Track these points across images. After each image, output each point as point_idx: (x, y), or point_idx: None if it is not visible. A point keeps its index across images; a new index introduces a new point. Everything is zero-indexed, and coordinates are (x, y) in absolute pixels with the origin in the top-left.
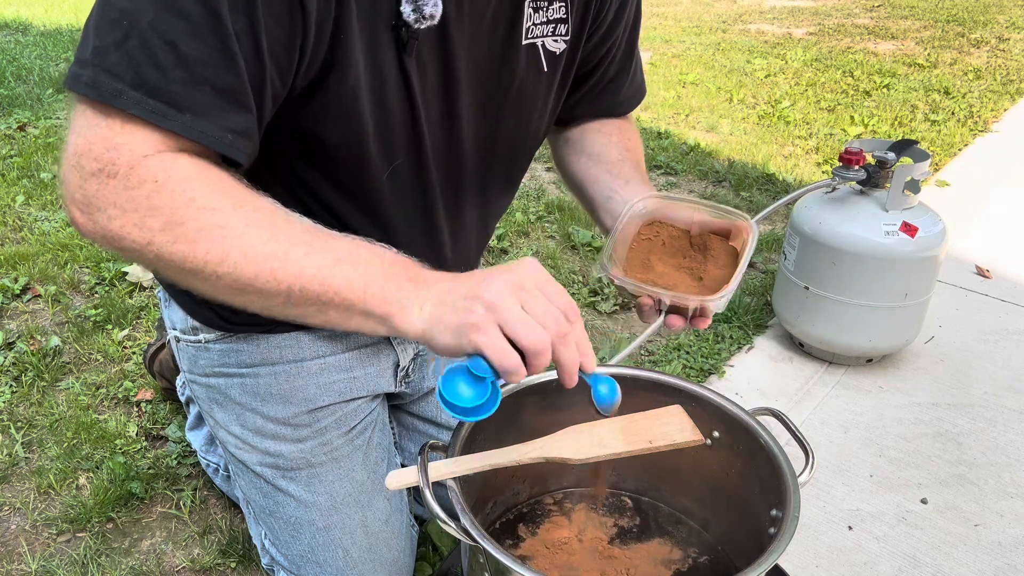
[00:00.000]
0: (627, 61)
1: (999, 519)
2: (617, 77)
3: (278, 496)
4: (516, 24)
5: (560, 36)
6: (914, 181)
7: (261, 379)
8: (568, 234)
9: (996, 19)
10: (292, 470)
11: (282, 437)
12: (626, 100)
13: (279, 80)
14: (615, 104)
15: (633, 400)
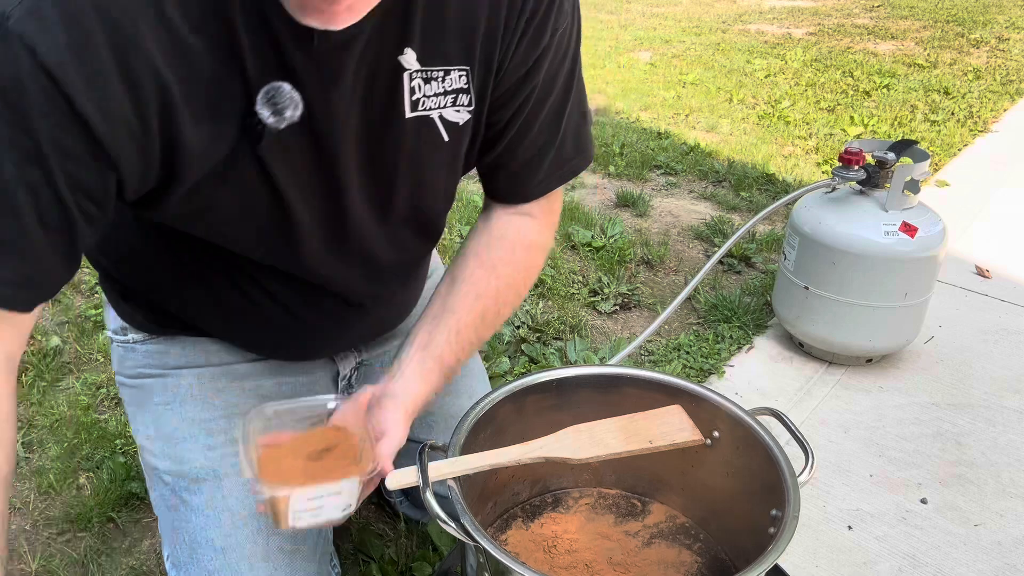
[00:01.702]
0: (547, 138)
1: (999, 519)
2: (532, 159)
3: (181, 509)
4: (396, 100)
5: (463, 106)
6: (914, 181)
7: (183, 380)
8: (568, 234)
9: (996, 19)
10: (198, 480)
11: (195, 440)
12: (546, 179)
13: (99, 211)
14: (533, 184)
15: (633, 400)
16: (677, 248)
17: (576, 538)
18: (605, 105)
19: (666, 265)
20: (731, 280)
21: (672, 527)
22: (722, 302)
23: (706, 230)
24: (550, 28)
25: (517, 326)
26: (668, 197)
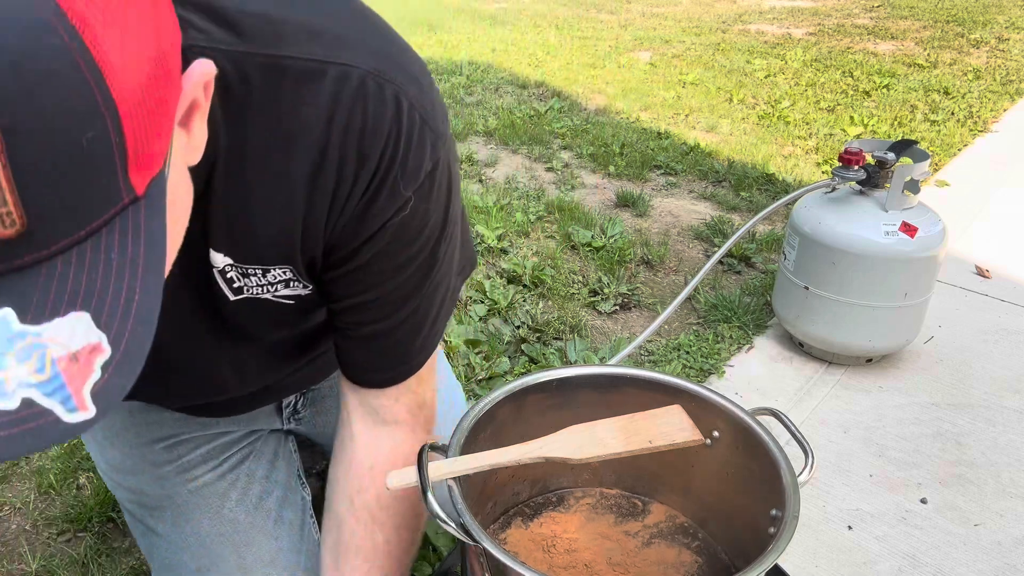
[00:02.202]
0: (390, 326)
1: (999, 519)
2: (377, 343)
3: (150, 536)
4: (215, 291)
5: (298, 287)
6: (914, 181)
7: (116, 414)
8: (568, 234)
9: (996, 19)
10: (157, 508)
11: (142, 472)
12: (381, 374)
13: None
14: (369, 372)
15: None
16: (677, 248)
17: (575, 538)
18: (605, 105)
19: (666, 265)
20: (731, 280)
21: (672, 527)
22: (722, 302)
23: (706, 230)
24: (378, 215)
25: (517, 326)
26: (668, 197)
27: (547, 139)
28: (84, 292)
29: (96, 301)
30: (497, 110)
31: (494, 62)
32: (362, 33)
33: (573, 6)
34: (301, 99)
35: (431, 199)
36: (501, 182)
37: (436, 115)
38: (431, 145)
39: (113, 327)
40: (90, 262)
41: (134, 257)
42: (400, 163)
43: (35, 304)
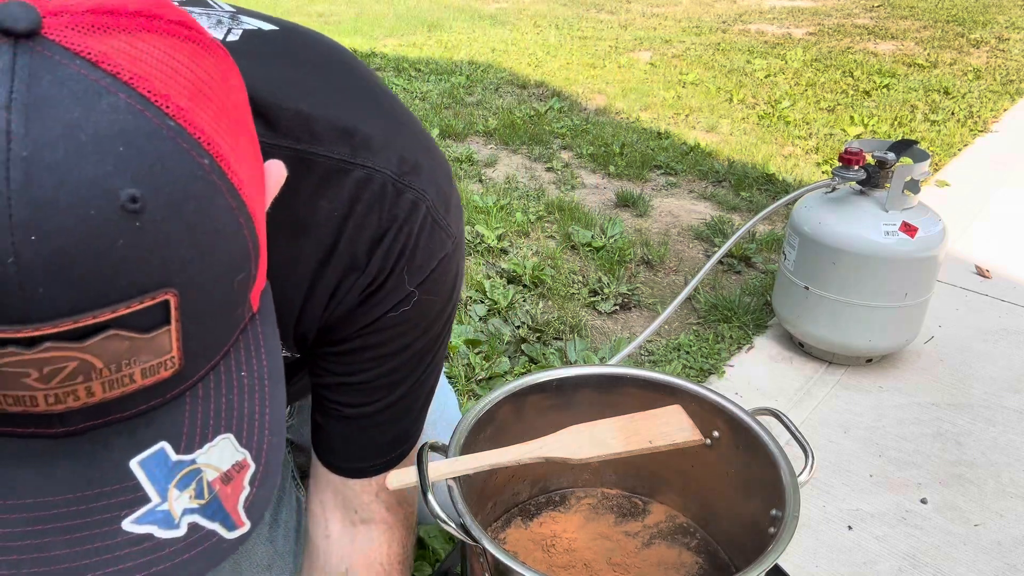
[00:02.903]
0: (368, 412)
1: (999, 519)
2: (357, 428)
3: None
4: None
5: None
6: (914, 181)
7: None
8: (568, 234)
9: (996, 19)
10: None
11: None
12: (361, 463)
13: None
14: (349, 460)
15: (633, 400)
16: (677, 248)
17: (575, 538)
18: (605, 105)
19: (666, 265)
20: (731, 280)
21: (672, 527)
22: (722, 302)
23: (706, 230)
24: (379, 306)
25: (517, 326)
26: (668, 197)
27: (547, 139)
28: (225, 414)
29: (236, 421)
30: (497, 110)
31: (494, 62)
32: (391, 135)
33: (573, 6)
34: (321, 194)
35: (434, 293)
36: (501, 182)
37: (450, 216)
38: (440, 244)
39: (253, 443)
40: (225, 384)
41: (259, 372)
42: (408, 260)
43: (187, 434)
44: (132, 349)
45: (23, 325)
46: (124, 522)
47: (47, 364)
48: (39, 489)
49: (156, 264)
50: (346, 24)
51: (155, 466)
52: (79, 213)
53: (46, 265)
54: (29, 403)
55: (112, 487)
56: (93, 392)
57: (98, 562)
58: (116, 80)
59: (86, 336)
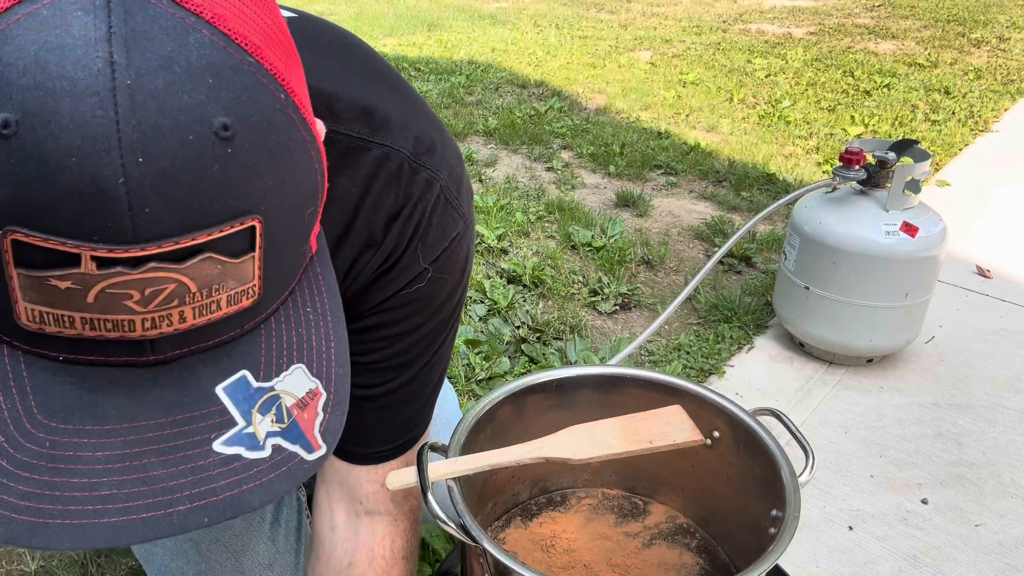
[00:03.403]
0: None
1: (1000, 519)
2: (364, 411)
3: (146, 544)
4: None
5: None
6: (915, 181)
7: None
8: (568, 234)
9: (997, 19)
10: None
11: None
12: (368, 447)
13: None
14: (357, 444)
15: (633, 400)
16: (677, 248)
17: (575, 538)
18: (605, 105)
19: (666, 265)
20: (731, 280)
21: (672, 527)
22: (722, 302)
23: (706, 230)
24: (394, 283)
25: (517, 326)
26: (668, 197)
27: (547, 139)
28: (296, 346)
29: (306, 352)
30: (497, 110)
31: (494, 62)
32: (407, 116)
33: (573, 5)
34: (340, 171)
35: (447, 271)
36: (501, 182)
37: (462, 197)
38: (453, 223)
39: (323, 372)
40: (294, 319)
41: (322, 308)
42: (421, 237)
43: (264, 363)
44: (222, 274)
45: (131, 245)
46: (215, 443)
47: (149, 285)
48: (134, 415)
49: (245, 190)
50: (346, 23)
51: (238, 392)
52: (180, 138)
53: (152, 186)
54: (127, 328)
55: (201, 411)
56: (185, 317)
57: (193, 481)
58: (200, 19)
59: (185, 258)
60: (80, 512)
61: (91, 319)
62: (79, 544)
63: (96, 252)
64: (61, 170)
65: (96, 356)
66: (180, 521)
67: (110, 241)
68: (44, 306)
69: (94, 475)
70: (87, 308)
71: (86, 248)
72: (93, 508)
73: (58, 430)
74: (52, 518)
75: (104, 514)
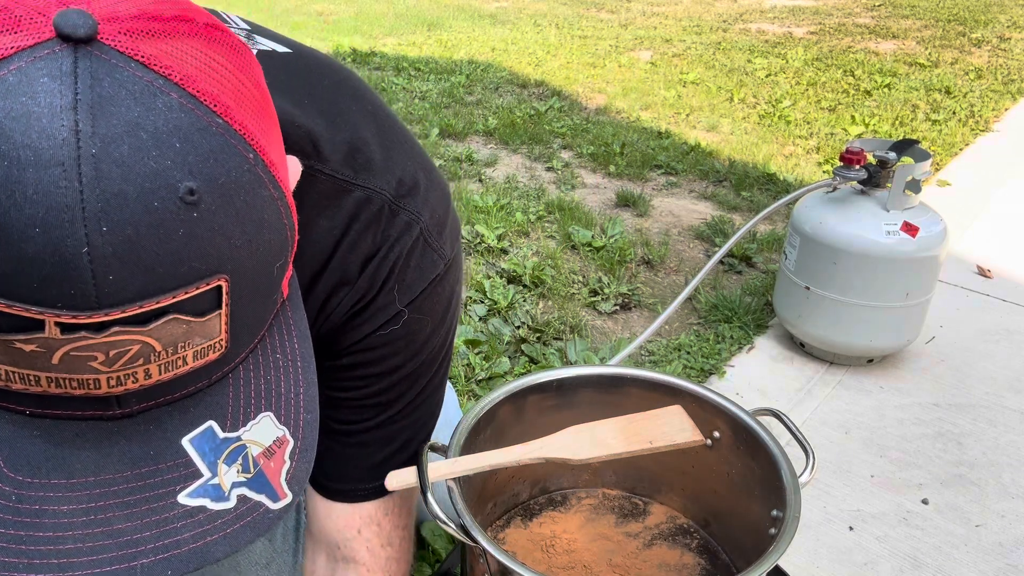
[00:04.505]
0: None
1: (1000, 519)
2: (341, 450)
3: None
4: None
5: None
6: (915, 181)
7: None
8: (568, 234)
9: (997, 18)
10: None
11: None
12: (342, 483)
13: None
14: (331, 479)
15: (634, 400)
16: (677, 248)
17: (575, 538)
18: (605, 105)
19: (666, 265)
20: (732, 280)
21: (672, 528)
22: (723, 302)
23: (707, 230)
24: (366, 324)
25: (517, 326)
26: (669, 197)
27: (547, 139)
28: (264, 394)
29: (275, 400)
30: (497, 109)
31: (494, 61)
32: (393, 156)
33: (573, 5)
34: (321, 212)
35: (426, 312)
36: (501, 182)
37: (444, 239)
38: (432, 265)
39: (291, 419)
40: (263, 366)
41: (292, 354)
42: (398, 279)
43: (231, 413)
44: (188, 332)
45: (95, 311)
46: (179, 496)
47: (113, 347)
48: (99, 467)
49: (212, 251)
50: (345, 23)
51: (204, 443)
52: (144, 205)
53: (116, 254)
54: (92, 386)
55: (166, 463)
56: (150, 374)
57: (157, 534)
58: (168, 81)
59: (149, 320)
60: (45, 566)
61: (56, 378)
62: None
63: (60, 319)
64: (24, 240)
65: (62, 411)
66: (143, 574)
67: (73, 308)
68: (9, 366)
69: (59, 528)
70: (52, 368)
71: (50, 315)
72: (58, 562)
73: (24, 484)
74: (17, 571)
75: (68, 567)
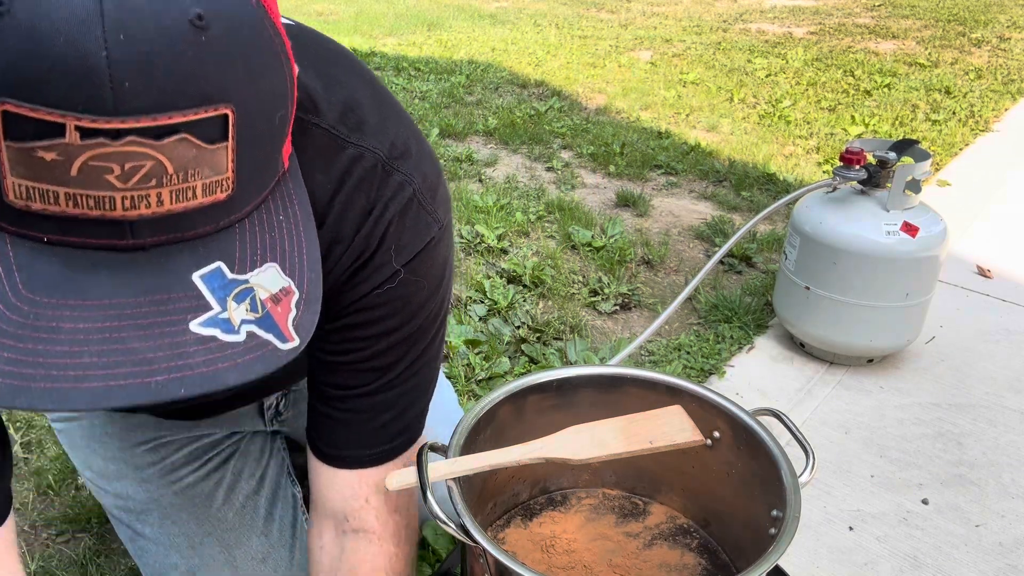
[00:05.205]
0: (355, 395)
1: (1000, 519)
2: (344, 416)
3: (139, 541)
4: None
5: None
6: (915, 181)
7: (97, 420)
8: (568, 234)
9: (997, 18)
10: (144, 512)
11: (126, 477)
12: (346, 450)
13: None
14: (336, 447)
15: (634, 400)
16: (677, 248)
17: (575, 538)
18: (605, 104)
19: (666, 265)
20: (732, 280)
21: (672, 528)
22: (723, 302)
23: (707, 230)
24: (364, 284)
25: (517, 326)
26: (669, 197)
27: (547, 139)
28: (269, 247)
29: (279, 254)
30: (497, 109)
31: (494, 61)
32: (386, 121)
33: (573, 5)
34: (316, 166)
35: (421, 275)
36: (501, 182)
37: (436, 203)
38: (427, 227)
39: (296, 273)
40: (268, 223)
41: (295, 219)
42: (393, 238)
43: (239, 258)
44: (197, 159)
45: (112, 116)
46: (191, 324)
47: (128, 160)
48: (114, 292)
49: (218, 78)
50: (345, 23)
51: (214, 281)
52: (157, 21)
53: (132, 62)
54: (107, 205)
55: (178, 294)
56: (162, 200)
57: (170, 355)
58: None
59: (162, 136)
60: (62, 377)
61: (74, 195)
62: (61, 405)
63: (80, 122)
64: (49, 45)
65: (79, 238)
66: (157, 390)
67: (93, 111)
68: (30, 180)
69: (76, 344)
70: (70, 182)
71: (71, 118)
72: (75, 374)
73: (41, 303)
74: (35, 382)
75: (85, 379)
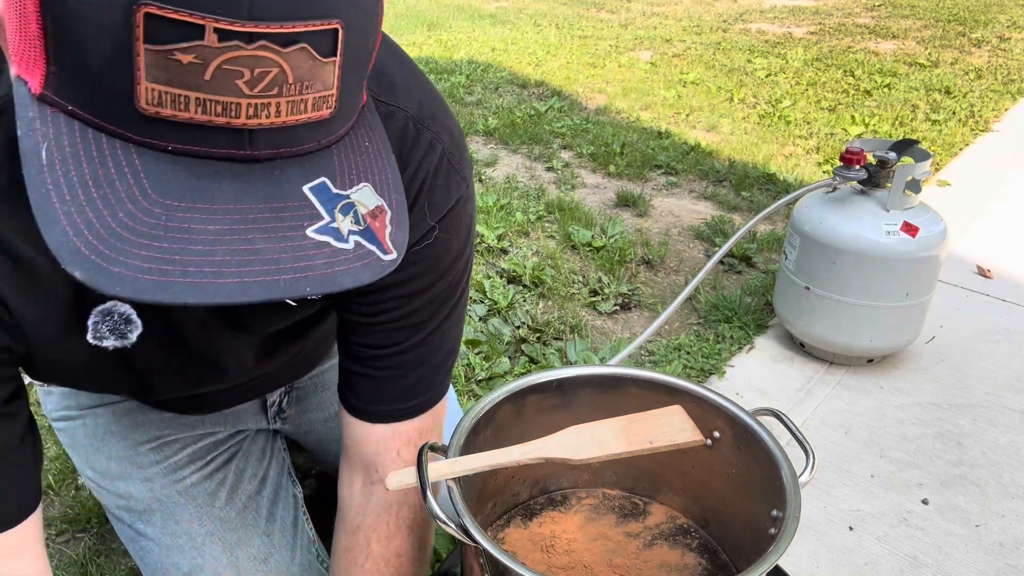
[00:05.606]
0: (390, 354)
1: (1000, 520)
2: (384, 372)
3: (141, 541)
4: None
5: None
6: (915, 181)
7: (100, 419)
8: (568, 234)
9: (997, 18)
10: (146, 512)
11: (129, 476)
12: (382, 405)
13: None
14: (372, 403)
15: (634, 400)
16: (677, 248)
17: (575, 538)
18: (605, 104)
19: (666, 265)
20: (732, 280)
21: (672, 528)
22: (723, 302)
23: (707, 230)
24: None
25: (517, 326)
26: (669, 197)
27: (547, 139)
28: (362, 168)
29: (370, 175)
30: (497, 109)
31: (494, 61)
32: (411, 83)
33: (573, 5)
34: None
35: (452, 232)
36: (501, 182)
37: (463, 162)
38: (456, 186)
39: (386, 195)
40: (357, 148)
41: (377, 145)
42: (427, 195)
43: (339, 175)
44: (312, 71)
45: (247, 20)
46: (308, 231)
47: (258, 64)
48: (238, 198)
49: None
50: None
51: (321, 194)
52: None
53: None
54: (233, 112)
55: (293, 203)
56: (280, 111)
57: (294, 257)
58: None
59: (287, 44)
60: (199, 273)
61: (204, 100)
62: (201, 298)
63: (219, 24)
64: None
65: (201, 147)
66: (286, 287)
67: (230, 15)
68: (164, 85)
69: (208, 244)
70: (203, 87)
71: (210, 19)
72: (212, 270)
73: (172, 207)
74: (175, 277)
75: (220, 275)
